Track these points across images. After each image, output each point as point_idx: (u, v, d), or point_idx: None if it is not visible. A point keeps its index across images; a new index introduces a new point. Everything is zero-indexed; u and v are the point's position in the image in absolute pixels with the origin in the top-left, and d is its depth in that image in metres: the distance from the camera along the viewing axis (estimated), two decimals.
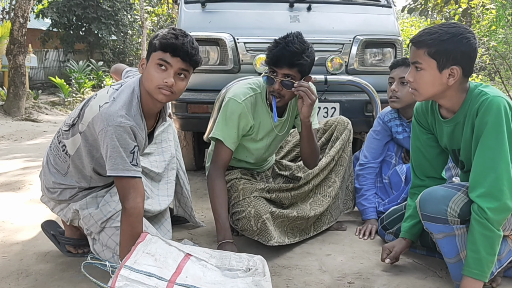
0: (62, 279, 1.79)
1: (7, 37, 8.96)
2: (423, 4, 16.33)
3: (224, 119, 2.00)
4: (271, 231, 1.97)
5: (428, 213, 1.63)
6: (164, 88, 1.60)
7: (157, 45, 1.60)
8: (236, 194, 2.06)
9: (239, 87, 2.07)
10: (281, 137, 2.20)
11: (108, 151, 1.58)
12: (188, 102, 2.96)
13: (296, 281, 1.78)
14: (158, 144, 2.21)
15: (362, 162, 2.55)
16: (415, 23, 12.14)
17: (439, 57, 1.52)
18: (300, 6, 3.19)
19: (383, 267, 1.89)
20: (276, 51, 1.86)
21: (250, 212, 1.97)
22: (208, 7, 3.15)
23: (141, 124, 1.69)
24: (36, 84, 15.18)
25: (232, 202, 2.06)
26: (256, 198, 2.01)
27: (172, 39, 1.58)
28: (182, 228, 2.37)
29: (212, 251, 1.60)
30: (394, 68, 2.44)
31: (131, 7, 18.86)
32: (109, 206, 1.82)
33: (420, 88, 1.58)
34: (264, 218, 1.96)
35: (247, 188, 2.05)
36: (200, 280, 1.41)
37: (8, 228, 2.42)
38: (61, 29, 17.39)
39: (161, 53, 1.59)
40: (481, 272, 1.50)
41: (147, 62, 1.64)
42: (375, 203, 2.44)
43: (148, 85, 1.63)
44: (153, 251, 1.47)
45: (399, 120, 2.50)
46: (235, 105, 1.98)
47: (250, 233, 1.99)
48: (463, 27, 1.54)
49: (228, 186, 2.09)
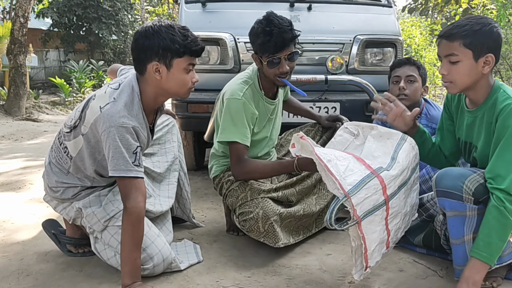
0: (63, 278, 1.79)
1: (7, 37, 8.95)
2: (423, 4, 16.31)
3: (231, 120, 2.01)
4: (278, 233, 1.97)
5: (443, 188, 1.65)
6: (192, 87, 1.74)
7: (185, 52, 1.64)
8: (243, 194, 2.05)
9: (232, 85, 2.10)
10: (279, 120, 2.29)
11: (110, 152, 1.58)
12: (188, 101, 2.96)
13: (297, 280, 1.78)
14: (162, 144, 2.22)
15: None
16: (415, 23, 12.12)
17: (474, 47, 1.57)
18: (301, 5, 3.19)
19: (384, 267, 1.89)
20: (275, 39, 1.93)
21: (258, 214, 1.95)
22: (209, 7, 3.15)
23: (143, 123, 1.70)
24: (36, 84, 15.17)
25: (239, 202, 2.05)
26: (263, 199, 2.01)
27: (195, 44, 1.66)
28: (182, 228, 2.37)
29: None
30: (398, 67, 2.42)
31: (131, 7, 18.87)
32: (112, 205, 1.82)
33: (456, 79, 1.62)
34: (272, 220, 1.95)
35: (255, 188, 2.05)
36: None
37: (8, 228, 2.43)
38: (61, 29, 17.38)
39: (189, 58, 1.67)
40: (489, 256, 1.53)
41: (169, 68, 1.65)
42: None
43: (179, 89, 1.71)
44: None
45: None
46: (236, 102, 2.01)
47: (257, 234, 1.98)
48: (488, 18, 1.63)
49: (236, 186, 2.09)
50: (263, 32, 1.95)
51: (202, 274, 1.83)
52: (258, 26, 1.98)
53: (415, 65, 2.41)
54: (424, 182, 2.23)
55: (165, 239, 1.86)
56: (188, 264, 1.89)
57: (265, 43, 1.95)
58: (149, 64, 1.65)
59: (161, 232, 1.89)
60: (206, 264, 1.92)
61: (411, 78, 2.35)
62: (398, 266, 1.90)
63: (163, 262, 1.77)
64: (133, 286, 1.60)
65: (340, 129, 1.87)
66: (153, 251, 1.76)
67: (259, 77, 2.12)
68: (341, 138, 1.83)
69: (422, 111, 2.43)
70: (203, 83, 3.06)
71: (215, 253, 2.04)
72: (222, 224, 2.39)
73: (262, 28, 1.96)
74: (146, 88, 1.70)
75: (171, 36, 1.62)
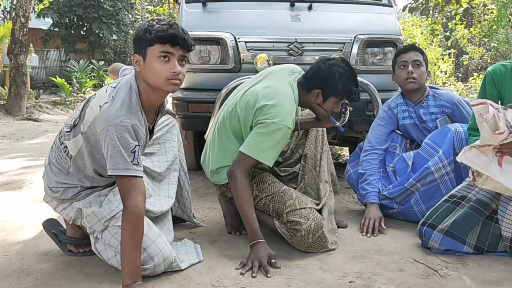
0: (63, 278, 1.79)
1: (8, 37, 8.95)
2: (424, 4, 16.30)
3: (275, 146, 1.98)
4: (327, 238, 2.02)
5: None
6: (173, 78, 1.64)
7: (153, 39, 1.60)
8: (291, 201, 2.03)
9: (285, 103, 1.98)
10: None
11: (109, 151, 1.58)
12: (189, 101, 2.96)
13: (297, 280, 1.78)
14: (162, 144, 2.21)
15: (366, 148, 2.57)
16: (416, 22, 12.10)
17: None
18: (301, 5, 3.19)
19: (384, 266, 1.89)
20: (350, 86, 2.06)
21: (310, 226, 1.97)
22: (209, 7, 3.15)
23: (141, 120, 1.70)
24: (37, 83, 15.18)
25: (287, 209, 2.02)
26: (311, 210, 2.03)
27: (168, 29, 1.61)
28: (183, 227, 2.37)
29: None
30: (404, 53, 2.52)
31: (132, 6, 18.87)
32: (113, 204, 1.82)
33: None
34: (321, 232, 1.99)
35: (301, 197, 2.07)
36: None
37: (9, 227, 2.43)
38: (62, 28, 17.39)
39: (160, 46, 1.61)
40: None
41: (145, 58, 1.64)
42: (378, 188, 2.44)
43: (155, 80, 1.64)
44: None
45: (405, 106, 2.57)
46: (286, 132, 1.97)
47: (303, 244, 2.00)
48: None
49: (281, 192, 2.07)
50: (345, 77, 2.06)
51: (203, 274, 1.82)
52: (342, 72, 2.07)
53: (419, 50, 2.54)
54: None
55: (166, 239, 1.86)
56: (188, 263, 1.89)
57: (350, 92, 2.08)
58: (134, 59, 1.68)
59: (161, 232, 1.89)
60: (206, 263, 1.92)
61: (417, 63, 2.48)
62: (399, 265, 1.90)
63: (163, 262, 1.77)
64: (133, 285, 1.60)
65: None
66: (154, 251, 1.75)
67: (299, 104, 2.10)
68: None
69: (428, 93, 2.55)
70: (203, 83, 3.07)
71: (216, 253, 2.04)
72: (222, 223, 2.40)
73: (347, 76, 2.07)
74: (139, 85, 1.70)
75: (147, 27, 1.63)
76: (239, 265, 1.89)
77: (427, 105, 2.52)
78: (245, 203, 1.96)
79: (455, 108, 2.48)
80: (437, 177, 2.27)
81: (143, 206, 1.64)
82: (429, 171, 2.28)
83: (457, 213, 1.99)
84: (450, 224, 1.97)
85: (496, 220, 1.98)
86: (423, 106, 2.53)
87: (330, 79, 2.05)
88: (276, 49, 3.02)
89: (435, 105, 2.51)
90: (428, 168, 2.28)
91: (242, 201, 1.96)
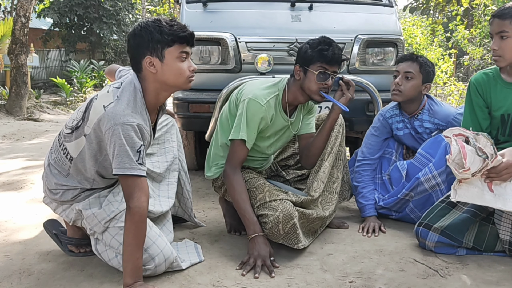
0: (64, 278, 1.80)
1: (9, 37, 8.95)
2: (424, 4, 16.31)
3: (246, 121, 2.00)
4: (299, 234, 1.98)
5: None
6: (192, 76, 1.72)
7: (173, 40, 1.64)
8: (261, 195, 2.02)
9: (257, 88, 2.07)
10: (283, 141, 2.26)
11: (115, 150, 1.58)
12: (189, 101, 2.96)
13: (298, 280, 1.78)
14: (161, 144, 2.21)
15: (358, 158, 2.56)
16: (416, 22, 12.10)
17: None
18: (302, 5, 3.19)
19: (385, 267, 1.89)
20: (333, 49, 2.02)
21: (278, 217, 1.93)
22: (210, 7, 3.15)
23: (146, 120, 1.70)
24: (38, 83, 15.17)
25: (257, 203, 2.01)
26: (282, 201, 1.98)
27: (182, 31, 1.66)
28: (183, 227, 2.37)
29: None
30: (400, 62, 2.47)
31: (132, 6, 18.87)
32: (112, 206, 1.82)
33: (505, 54, 1.89)
34: (292, 222, 1.95)
35: (273, 190, 2.04)
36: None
37: (10, 228, 2.43)
38: (62, 28, 17.39)
39: (180, 46, 1.67)
40: None
41: (162, 60, 1.65)
42: (373, 199, 2.44)
43: (177, 80, 1.70)
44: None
45: (400, 116, 2.53)
46: (257, 107, 2.00)
47: (276, 237, 1.96)
48: None
49: (253, 188, 2.07)
50: (323, 43, 2.03)
51: (203, 274, 1.83)
52: (315, 39, 2.06)
53: (417, 61, 2.42)
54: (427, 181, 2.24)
55: (166, 239, 1.86)
56: (189, 263, 1.89)
57: (323, 51, 2.00)
58: (143, 60, 1.66)
59: (162, 232, 1.89)
60: (207, 263, 1.93)
61: (408, 75, 2.40)
62: (399, 265, 1.90)
63: (164, 262, 1.77)
64: (134, 285, 1.60)
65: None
66: (155, 251, 1.76)
67: (286, 91, 2.09)
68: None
69: (424, 106, 2.48)
70: (204, 83, 3.07)
71: (217, 253, 2.04)
72: (223, 224, 2.40)
73: (321, 40, 2.04)
74: (146, 85, 1.70)
75: (158, 28, 1.64)
76: (239, 265, 1.89)
77: (422, 119, 2.47)
78: (239, 197, 1.98)
79: (450, 126, 2.40)
80: (428, 187, 2.24)
81: (147, 206, 1.64)
82: (419, 181, 2.26)
83: (453, 215, 1.99)
84: (446, 226, 1.97)
85: (493, 221, 1.98)
86: (418, 118, 2.48)
87: (301, 49, 2.09)
88: (276, 49, 3.02)
89: (429, 121, 2.46)
90: (418, 178, 2.27)
91: (237, 195, 1.98)
